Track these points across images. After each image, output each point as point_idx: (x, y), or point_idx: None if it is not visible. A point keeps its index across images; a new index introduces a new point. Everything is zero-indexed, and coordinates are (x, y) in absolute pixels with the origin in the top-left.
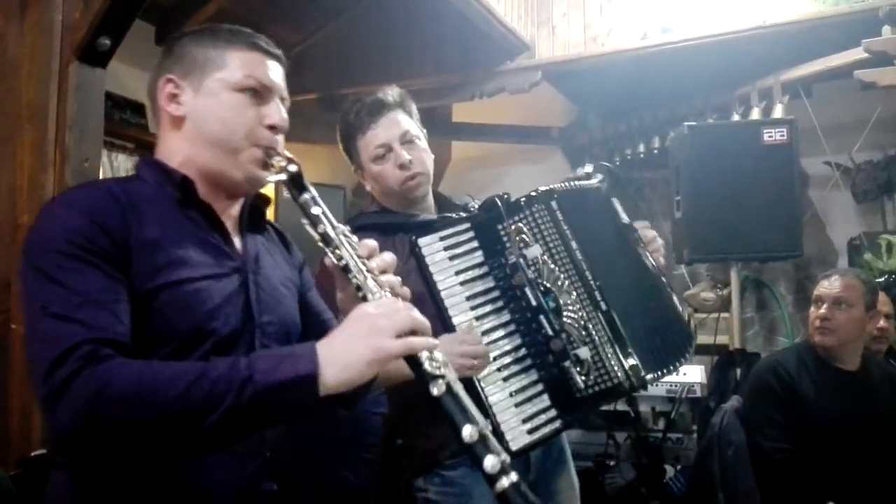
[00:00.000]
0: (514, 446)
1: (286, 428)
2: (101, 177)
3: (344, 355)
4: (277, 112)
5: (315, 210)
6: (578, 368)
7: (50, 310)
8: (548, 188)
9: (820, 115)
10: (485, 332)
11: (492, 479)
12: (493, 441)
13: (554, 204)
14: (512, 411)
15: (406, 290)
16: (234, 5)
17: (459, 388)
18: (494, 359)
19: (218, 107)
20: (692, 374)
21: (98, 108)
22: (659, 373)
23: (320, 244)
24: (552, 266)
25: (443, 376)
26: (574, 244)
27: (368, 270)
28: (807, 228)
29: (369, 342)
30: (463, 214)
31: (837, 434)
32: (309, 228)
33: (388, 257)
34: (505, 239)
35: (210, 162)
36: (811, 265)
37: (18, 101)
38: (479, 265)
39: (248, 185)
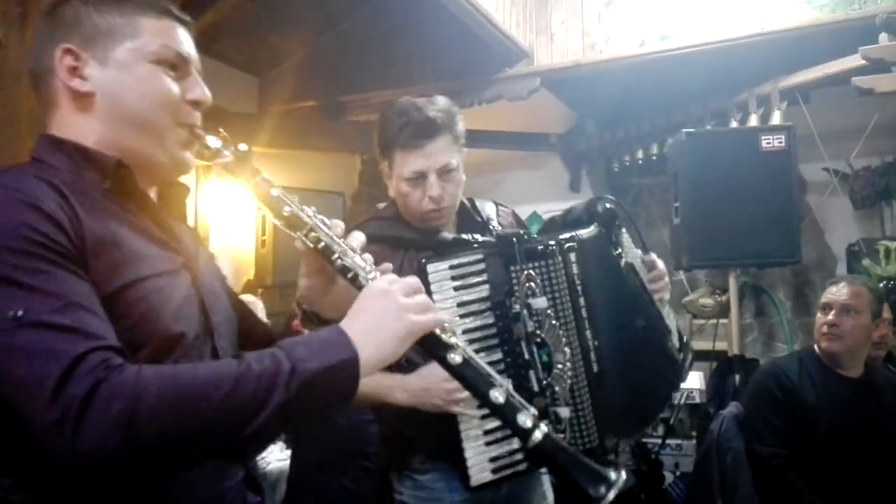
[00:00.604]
0: (473, 482)
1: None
2: None
3: (377, 333)
4: (199, 85)
5: (274, 192)
6: (557, 426)
7: (27, 318)
8: (570, 236)
9: (818, 121)
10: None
11: (527, 434)
12: (518, 398)
13: (572, 256)
14: (481, 448)
15: (388, 265)
16: (232, 14)
17: (474, 354)
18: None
19: (135, 81)
20: (691, 380)
21: None
22: (630, 439)
23: (285, 229)
24: (554, 321)
25: (457, 346)
26: (582, 300)
27: (352, 250)
28: (805, 234)
29: (400, 318)
30: (479, 238)
31: (839, 441)
32: (267, 214)
33: (361, 236)
34: (514, 282)
35: (132, 145)
36: (810, 271)
37: (19, 110)
38: (483, 300)
39: (174, 170)
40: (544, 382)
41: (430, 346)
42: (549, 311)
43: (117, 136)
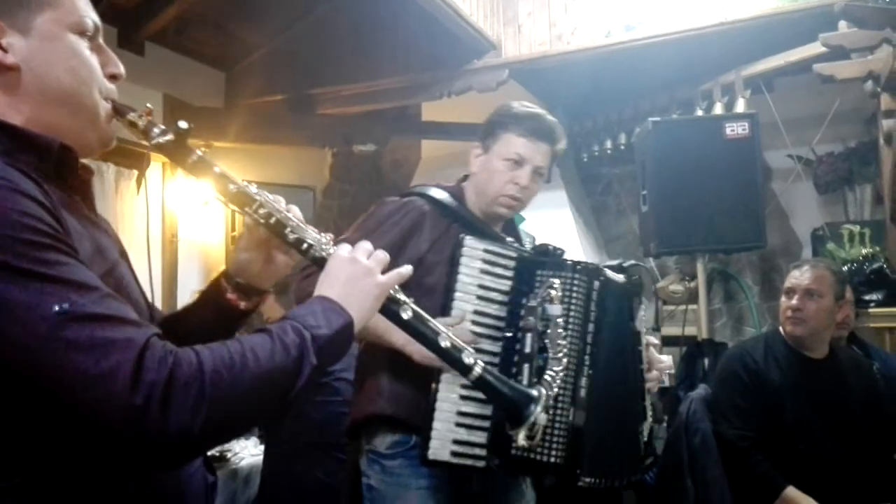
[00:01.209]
0: (430, 455)
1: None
2: None
3: (356, 298)
4: (114, 58)
5: (218, 168)
6: (529, 430)
7: (72, 311)
8: (599, 267)
9: (781, 108)
10: (475, 348)
11: (469, 369)
12: (459, 342)
13: (596, 283)
14: (449, 427)
15: (331, 236)
16: (197, 6)
17: (419, 308)
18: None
19: (61, 54)
20: None
21: None
22: (593, 480)
23: (233, 206)
24: (560, 332)
25: (406, 302)
26: (591, 326)
27: (300, 223)
28: (770, 220)
29: (371, 281)
30: (515, 244)
31: (805, 421)
32: (214, 191)
33: (297, 210)
34: (537, 285)
35: (64, 123)
36: (776, 256)
37: None
38: (502, 293)
39: (100, 146)
40: (533, 381)
41: (385, 302)
42: (559, 322)
43: (46, 111)
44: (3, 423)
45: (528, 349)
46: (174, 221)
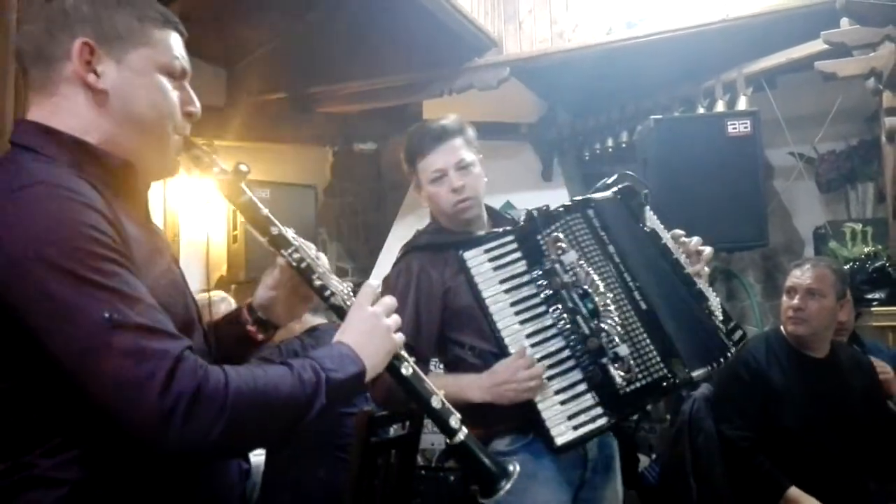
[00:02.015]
0: (559, 441)
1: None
2: None
3: (372, 351)
4: (194, 99)
5: (264, 212)
6: (618, 365)
7: (118, 320)
8: (584, 197)
9: (783, 106)
10: (528, 336)
11: (454, 432)
12: (448, 405)
13: (590, 212)
14: (557, 409)
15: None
16: (198, 4)
17: (418, 370)
18: (539, 360)
19: (148, 88)
20: None
21: None
22: (705, 369)
23: (270, 246)
24: (589, 270)
25: (408, 360)
26: (612, 248)
27: (327, 271)
28: (772, 218)
29: (387, 338)
30: (507, 228)
31: (807, 420)
32: (253, 231)
33: (324, 259)
34: (544, 247)
35: (134, 147)
36: (778, 254)
37: None
38: (522, 274)
39: (166, 174)
40: (594, 326)
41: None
42: (581, 263)
43: (122, 136)
44: (56, 401)
45: (570, 304)
46: (175, 221)
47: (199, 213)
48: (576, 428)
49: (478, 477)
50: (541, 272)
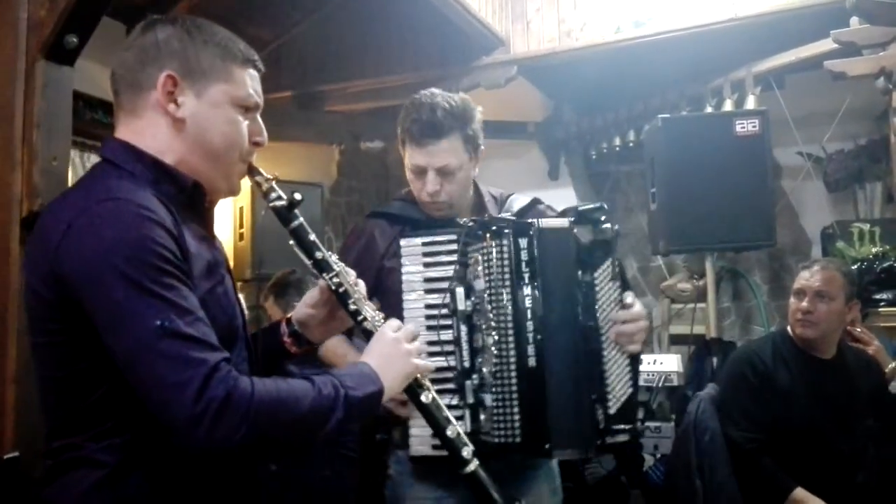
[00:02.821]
0: (412, 452)
1: None
2: (70, 177)
3: (390, 373)
4: (263, 130)
5: (312, 237)
6: (481, 411)
7: (169, 328)
8: (527, 221)
9: (791, 105)
10: (428, 343)
11: (466, 462)
12: (463, 436)
13: (523, 241)
14: (424, 424)
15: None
16: (206, 3)
17: (437, 397)
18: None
19: (221, 120)
20: (669, 363)
21: (66, 107)
22: (569, 451)
23: (313, 269)
24: (488, 306)
25: (429, 388)
26: (527, 289)
27: (362, 297)
28: (780, 218)
29: (407, 361)
30: (468, 222)
31: (814, 422)
32: (300, 253)
33: (363, 285)
34: (469, 263)
35: (203, 170)
36: (785, 254)
37: None
38: (446, 279)
39: (227, 195)
40: (466, 365)
41: (411, 383)
42: (485, 296)
43: (194, 160)
44: (106, 389)
45: (456, 333)
46: None
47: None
48: (434, 447)
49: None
50: (456, 284)
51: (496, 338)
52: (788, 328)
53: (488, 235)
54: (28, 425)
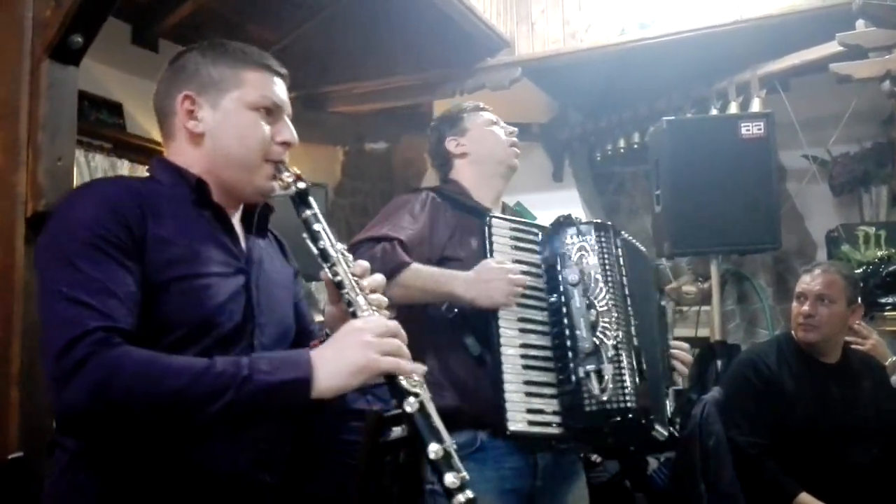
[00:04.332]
0: (510, 426)
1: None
2: (75, 176)
3: (334, 364)
4: (288, 129)
5: (317, 227)
6: (598, 381)
7: (67, 293)
8: (619, 229)
9: (797, 108)
10: (520, 320)
11: (451, 493)
12: (455, 460)
13: (619, 241)
14: (520, 396)
15: (385, 305)
16: (212, 3)
17: (431, 408)
18: (522, 346)
19: (236, 125)
20: None
21: (71, 107)
22: (660, 427)
23: (319, 259)
24: (602, 286)
25: (417, 394)
26: (625, 279)
27: (361, 289)
28: (785, 221)
29: (361, 353)
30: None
31: (819, 426)
32: (309, 243)
33: (379, 278)
34: (567, 250)
35: (226, 176)
36: (790, 257)
37: None
38: (534, 264)
39: (257, 197)
40: (589, 335)
41: (390, 385)
42: (598, 276)
43: (216, 168)
44: None
45: (577, 304)
46: None
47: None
48: (530, 423)
49: None
50: (557, 270)
51: (614, 314)
52: (793, 332)
53: (596, 228)
54: (32, 425)
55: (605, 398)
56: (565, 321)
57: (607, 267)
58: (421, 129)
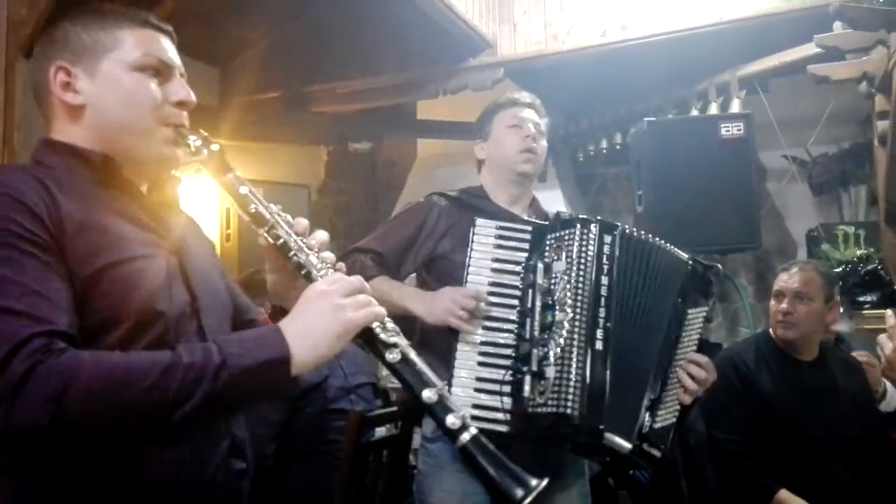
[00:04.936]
0: (448, 422)
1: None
2: None
3: (312, 333)
4: (184, 88)
5: (243, 190)
6: (538, 382)
7: None
8: (616, 224)
9: (776, 109)
10: (487, 318)
11: (454, 434)
12: (451, 400)
13: (608, 238)
14: (468, 392)
15: (341, 265)
16: (191, 3)
17: (413, 355)
18: (483, 343)
19: (118, 91)
20: None
21: None
22: (618, 439)
23: (252, 226)
24: (567, 286)
25: (396, 345)
26: (605, 279)
27: (309, 248)
28: (765, 221)
29: (336, 317)
30: (539, 222)
31: (798, 424)
32: (238, 210)
33: (323, 235)
34: (547, 248)
35: (121, 148)
36: (771, 256)
37: None
38: (517, 263)
39: (160, 166)
40: (537, 336)
41: (369, 342)
42: (564, 277)
43: (107, 139)
44: None
45: (528, 304)
46: None
47: (193, 212)
48: (474, 418)
49: (489, 488)
50: (531, 268)
51: (570, 316)
52: (770, 330)
53: (578, 224)
54: None
55: (541, 401)
56: (533, 315)
57: (578, 267)
58: (404, 129)
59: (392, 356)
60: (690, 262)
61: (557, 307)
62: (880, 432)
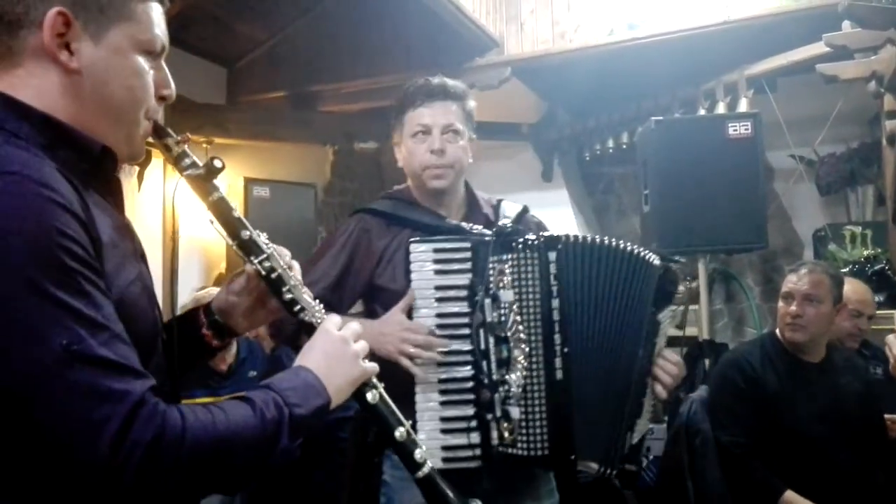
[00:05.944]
0: (420, 473)
1: None
2: None
3: (336, 379)
4: (169, 81)
5: (236, 213)
6: (506, 424)
7: (78, 351)
8: (557, 235)
9: (784, 108)
10: (441, 352)
11: (418, 466)
12: (415, 437)
13: (552, 255)
14: (434, 435)
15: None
16: (199, 2)
17: (386, 396)
18: (441, 381)
19: (125, 70)
20: None
21: None
22: (595, 465)
23: (238, 251)
24: (517, 318)
25: (376, 386)
26: (556, 302)
27: (299, 283)
28: (772, 220)
29: (355, 366)
30: (479, 229)
31: (804, 425)
32: (221, 232)
33: (297, 266)
34: (490, 273)
35: (101, 129)
36: (777, 257)
37: None
38: (461, 287)
39: (128, 159)
40: (495, 377)
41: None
42: (514, 307)
43: (92, 121)
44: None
45: (482, 345)
46: (175, 218)
47: (199, 211)
48: (445, 461)
49: None
50: (475, 299)
51: (526, 350)
52: (777, 331)
53: (519, 247)
54: None
55: (509, 441)
56: (488, 357)
57: (526, 294)
58: None
59: (373, 396)
60: (655, 261)
61: (512, 342)
62: (885, 434)
